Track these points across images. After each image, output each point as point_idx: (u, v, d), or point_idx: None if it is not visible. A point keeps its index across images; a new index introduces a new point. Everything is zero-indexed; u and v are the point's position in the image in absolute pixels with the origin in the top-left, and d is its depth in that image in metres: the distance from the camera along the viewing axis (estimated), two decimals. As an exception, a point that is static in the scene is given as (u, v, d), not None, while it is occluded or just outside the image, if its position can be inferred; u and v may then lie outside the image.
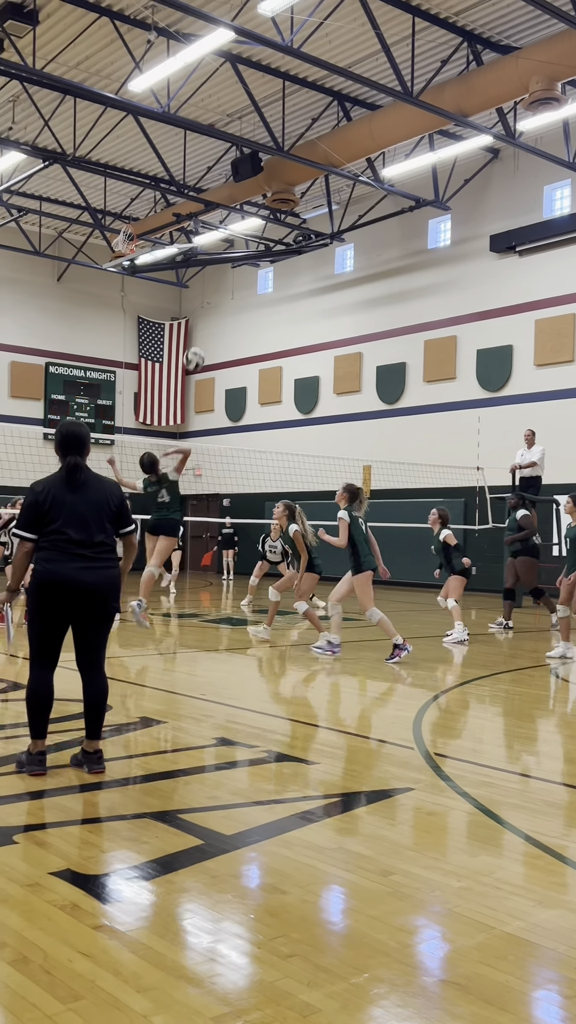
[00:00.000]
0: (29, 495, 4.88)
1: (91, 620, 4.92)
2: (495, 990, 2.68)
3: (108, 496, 4.96)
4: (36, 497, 4.83)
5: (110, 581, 4.88)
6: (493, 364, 20.94)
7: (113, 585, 4.90)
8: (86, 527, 4.81)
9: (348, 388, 24.37)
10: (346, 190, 22.70)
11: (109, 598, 4.89)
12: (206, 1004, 2.55)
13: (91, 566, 4.80)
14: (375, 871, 3.61)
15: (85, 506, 4.84)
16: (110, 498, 4.96)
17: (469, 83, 15.39)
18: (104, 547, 4.87)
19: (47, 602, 4.84)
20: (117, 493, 5.02)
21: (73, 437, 4.97)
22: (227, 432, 28.05)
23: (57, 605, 4.84)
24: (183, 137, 19.63)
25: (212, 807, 4.40)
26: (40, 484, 4.92)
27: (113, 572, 4.92)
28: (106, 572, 4.87)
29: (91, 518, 4.83)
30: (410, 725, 6.44)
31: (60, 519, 4.78)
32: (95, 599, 4.83)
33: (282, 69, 17.19)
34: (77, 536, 4.78)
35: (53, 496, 4.82)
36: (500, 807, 4.52)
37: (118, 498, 5.00)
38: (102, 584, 4.83)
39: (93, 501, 4.87)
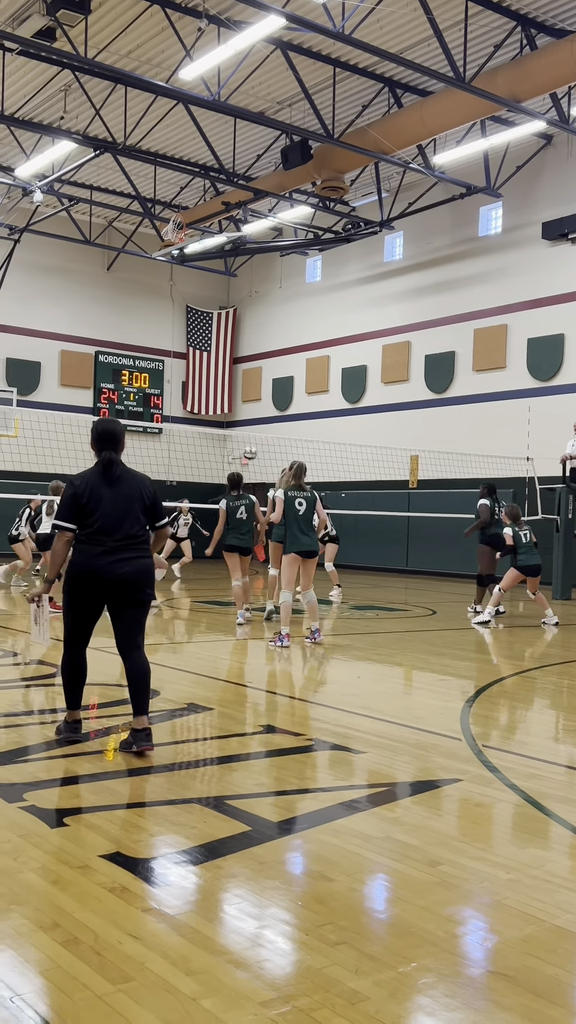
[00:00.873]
0: (68, 488, 5.08)
1: (127, 607, 5.13)
2: (545, 983, 2.66)
3: (142, 490, 5.17)
4: (76, 490, 5.03)
5: (143, 571, 5.09)
6: (544, 353, 20.67)
7: (145, 574, 5.11)
8: (121, 520, 5.03)
9: (396, 377, 24.23)
10: (396, 177, 22.53)
11: (142, 586, 5.10)
12: (254, 989, 2.57)
13: (125, 557, 5.01)
14: (423, 861, 3.60)
15: (122, 500, 5.06)
16: (144, 492, 5.17)
17: (522, 68, 15.17)
18: (137, 539, 5.09)
19: (82, 591, 5.07)
20: (150, 487, 5.24)
21: (109, 434, 5.17)
22: (274, 421, 28.06)
23: (91, 594, 5.08)
24: (233, 125, 19.61)
25: (259, 794, 4.42)
26: (79, 478, 5.13)
27: (146, 562, 5.12)
28: (139, 562, 5.07)
29: (126, 511, 5.05)
30: (457, 716, 6.41)
31: (98, 512, 4.99)
32: (129, 588, 5.05)
33: (332, 56, 17.09)
34: (113, 528, 4.99)
35: (91, 489, 5.04)
36: (548, 800, 4.48)
37: (151, 492, 5.22)
38: (135, 574, 5.04)
39: (127, 495, 5.09)
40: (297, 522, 9.80)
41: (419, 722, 6.34)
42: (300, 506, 9.84)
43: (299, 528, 9.79)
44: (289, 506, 9.81)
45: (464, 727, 6.05)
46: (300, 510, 9.82)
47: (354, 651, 9.80)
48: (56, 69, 17.53)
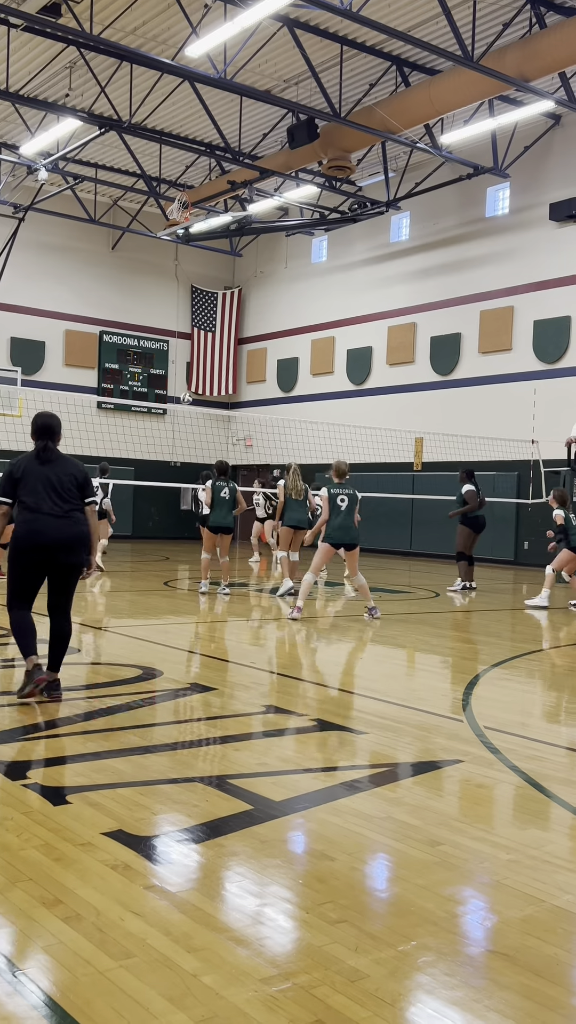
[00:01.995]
0: (7, 468, 5.89)
1: (61, 570, 5.79)
2: (543, 962, 2.68)
3: (73, 471, 5.89)
4: (12, 469, 5.85)
5: (75, 536, 5.76)
6: (550, 335, 20.58)
7: (77, 539, 5.77)
8: (51, 494, 5.73)
9: (401, 359, 24.15)
10: (403, 157, 22.38)
11: (74, 550, 5.76)
12: (255, 966, 2.58)
13: (59, 524, 5.70)
14: (423, 841, 3.62)
15: (53, 478, 5.79)
16: (75, 472, 5.90)
17: (531, 47, 15.02)
18: (69, 510, 5.76)
19: (24, 554, 5.73)
20: (81, 470, 5.97)
21: (46, 427, 5.95)
22: (278, 403, 28.01)
23: (32, 557, 5.72)
24: (239, 103, 19.48)
25: (261, 773, 4.44)
26: (16, 460, 5.94)
27: (78, 529, 5.78)
28: (73, 528, 5.75)
29: (57, 486, 5.76)
30: (460, 697, 6.42)
31: (30, 487, 5.75)
32: (63, 551, 5.72)
33: (340, 33, 16.94)
34: (42, 502, 5.70)
35: (25, 469, 5.82)
36: (549, 781, 4.50)
37: (82, 473, 5.94)
38: (69, 538, 5.72)
39: (58, 474, 5.82)
40: (339, 516, 10.52)
41: (421, 703, 6.36)
42: (343, 502, 10.54)
43: (339, 521, 10.53)
44: (332, 501, 10.54)
45: (466, 708, 6.06)
46: (342, 506, 10.53)
47: (357, 632, 9.82)
48: (61, 46, 17.40)
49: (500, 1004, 2.44)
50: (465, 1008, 2.42)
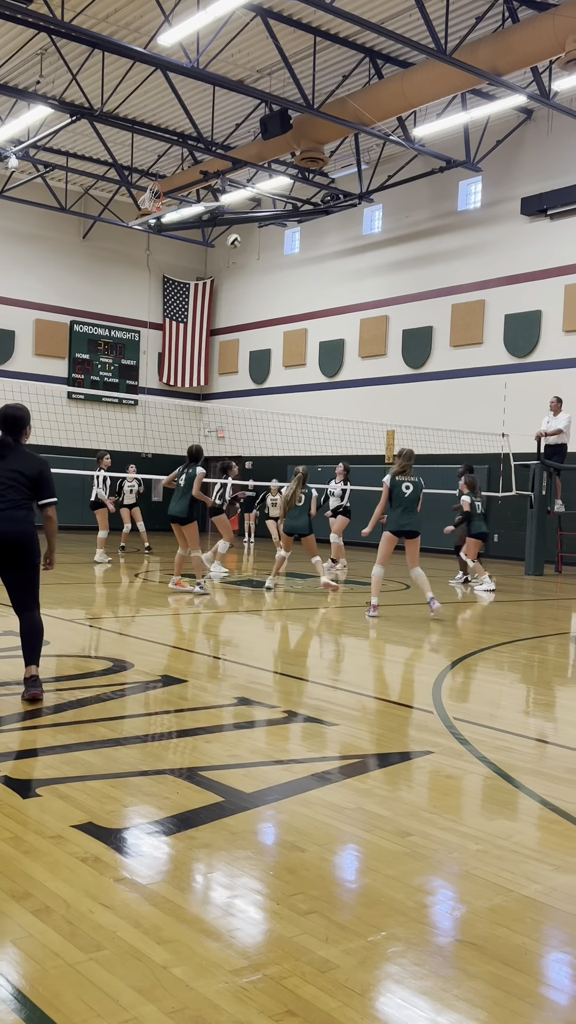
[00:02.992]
0: None
1: (13, 567, 5.58)
2: (512, 952, 2.70)
3: (21, 467, 5.59)
4: None
5: (22, 534, 5.50)
6: (521, 329, 20.70)
7: (23, 537, 5.51)
8: (5, 490, 5.49)
9: (373, 352, 24.20)
10: (376, 149, 22.38)
11: (23, 549, 5.53)
12: (225, 957, 2.59)
13: (6, 519, 5.45)
14: (393, 831, 3.64)
15: (7, 472, 5.53)
16: (29, 469, 5.60)
17: (504, 41, 15.07)
18: (20, 507, 5.51)
19: None
20: (37, 467, 5.65)
21: (12, 418, 5.70)
22: (251, 394, 27.97)
23: None
24: (212, 93, 19.39)
25: (232, 765, 4.44)
26: None
27: (16, 527, 5.47)
28: (19, 526, 5.48)
29: (10, 482, 5.52)
30: (430, 689, 6.46)
31: None
32: (10, 548, 5.49)
33: (313, 24, 16.90)
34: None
35: None
36: (518, 772, 4.54)
37: (36, 471, 5.63)
38: (14, 535, 5.47)
39: (13, 469, 5.56)
40: (402, 504, 10.36)
41: (392, 695, 6.40)
42: (407, 489, 10.40)
43: (401, 510, 10.36)
44: (395, 488, 10.40)
45: (436, 700, 6.10)
46: (406, 493, 10.38)
47: (328, 624, 9.84)
48: (32, 32, 17.22)
49: (468, 993, 2.46)
50: (434, 997, 2.43)
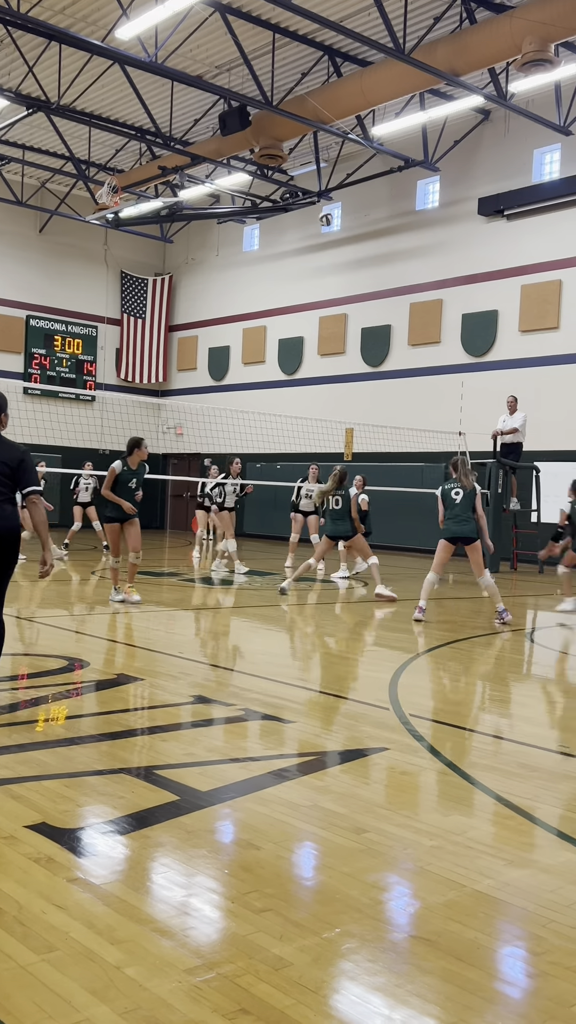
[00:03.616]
0: None
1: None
2: (464, 946, 2.72)
3: (10, 457, 5.10)
4: None
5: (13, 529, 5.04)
6: (478, 329, 20.87)
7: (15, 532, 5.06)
8: None
9: (333, 349, 24.24)
10: (335, 147, 22.41)
11: (12, 545, 5.05)
12: (179, 956, 2.58)
13: None
14: (348, 828, 3.65)
15: None
16: (10, 459, 5.10)
17: (461, 42, 15.17)
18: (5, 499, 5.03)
19: None
20: (16, 455, 5.15)
21: None
22: (209, 391, 27.89)
23: None
24: (170, 88, 19.28)
25: (188, 763, 4.43)
26: None
27: (15, 523, 5.06)
28: (9, 521, 5.02)
29: None
30: (386, 686, 6.49)
31: None
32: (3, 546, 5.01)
33: (272, 21, 16.87)
34: None
35: None
36: (474, 768, 4.57)
37: (16, 460, 5.13)
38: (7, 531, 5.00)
39: None
40: (454, 510, 10.20)
41: (349, 692, 6.42)
42: (456, 495, 10.21)
43: (453, 517, 10.20)
44: (446, 496, 10.31)
45: (392, 697, 6.13)
46: (456, 500, 10.20)
47: (286, 622, 9.85)
48: (-13, 23, 16.99)
49: (421, 988, 2.48)
50: (387, 993, 2.45)
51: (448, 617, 10.93)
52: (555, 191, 19.23)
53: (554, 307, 19.50)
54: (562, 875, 3.28)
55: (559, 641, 9.68)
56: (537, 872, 3.31)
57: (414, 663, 7.59)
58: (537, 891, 3.14)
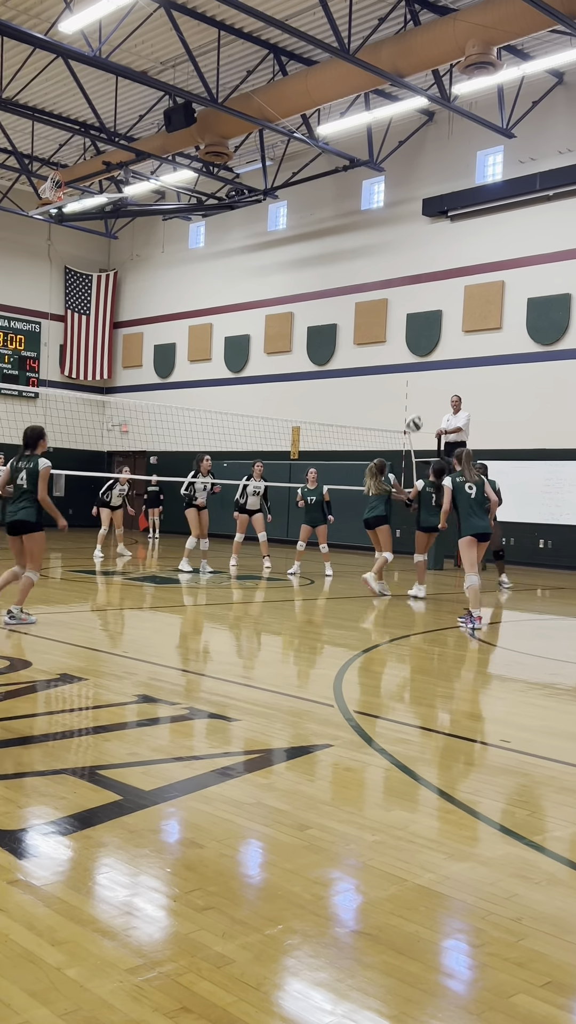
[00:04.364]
0: None
1: None
2: (405, 940, 2.75)
3: None
4: None
5: None
6: (422, 329, 21.04)
7: None
8: None
9: (279, 348, 24.27)
10: (280, 146, 22.43)
11: None
12: (120, 956, 2.57)
13: None
14: (292, 825, 3.66)
15: None
16: None
17: (406, 43, 15.28)
18: None
19: None
20: None
21: None
22: (155, 388, 27.74)
23: None
24: (115, 83, 19.13)
25: (131, 763, 4.40)
26: None
27: None
28: None
29: None
30: (331, 683, 6.52)
31: None
32: None
33: (218, 18, 16.83)
34: None
35: None
36: (416, 763, 4.62)
37: None
38: None
39: None
40: (470, 506, 9.80)
41: (294, 689, 6.44)
42: (470, 490, 9.83)
43: (472, 511, 9.79)
44: (459, 492, 9.81)
45: (337, 693, 6.16)
46: (471, 493, 9.81)
47: (232, 620, 9.85)
48: None
49: (362, 983, 2.50)
50: (328, 988, 2.46)
51: (393, 615, 11.02)
52: (498, 193, 19.47)
53: (497, 308, 19.75)
54: (501, 868, 3.33)
55: (503, 637, 9.81)
56: (477, 865, 3.35)
57: (359, 660, 7.64)
58: (477, 884, 3.18)
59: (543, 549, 18.64)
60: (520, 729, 5.48)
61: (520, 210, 19.35)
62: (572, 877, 3.30)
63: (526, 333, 19.32)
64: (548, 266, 18.97)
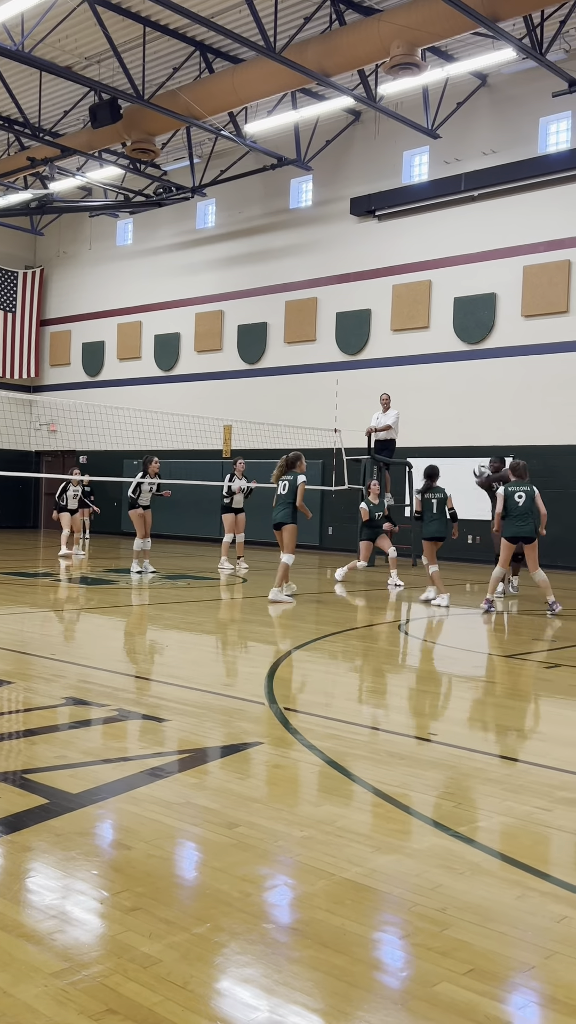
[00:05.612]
0: None
1: None
2: (331, 933, 2.78)
3: None
4: None
5: None
6: (351, 327, 21.19)
7: None
8: None
9: (209, 346, 24.20)
10: (208, 144, 22.37)
11: None
12: (45, 961, 2.55)
13: None
14: (221, 824, 3.67)
15: None
16: None
17: (331, 42, 15.37)
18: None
19: None
20: None
21: None
22: (84, 387, 27.44)
23: None
24: (39, 78, 18.86)
25: (59, 766, 4.36)
26: None
27: None
28: None
29: None
30: (262, 681, 6.54)
31: None
32: None
33: (143, 14, 16.71)
34: None
35: None
36: (346, 759, 4.66)
37: None
38: None
39: None
40: (517, 512, 10.88)
41: (224, 688, 6.44)
42: (520, 498, 10.90)
43: (516, 517, 10.88)
44: (509, 499, 10.94)
45: (267, 691, 6.18)
46: (519, 502, 10.89)
47: (164, 620, 9.80)
48: None
49: (289, 977, 2.51)
50: (256, 984, 2.48)
51: (322, 612, 11.08)
52: (424, 193, 19.70)
53: (424, 306, 19.98)
54: (427, 860, 3.38)
55: (429, 632, 9.94)
56: (403, 858, 3.40)
57: (289, 658, 7.67)
58: (403, 876, 3.23)
59: (471, 545, 18.92)
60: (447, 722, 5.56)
61: (446, 210, 19.62)
62: (496, 867, 3.37)
63: (453, 332, 19.59)
64: (473, 266, 19.27)
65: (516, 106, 18.59)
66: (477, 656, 8.46)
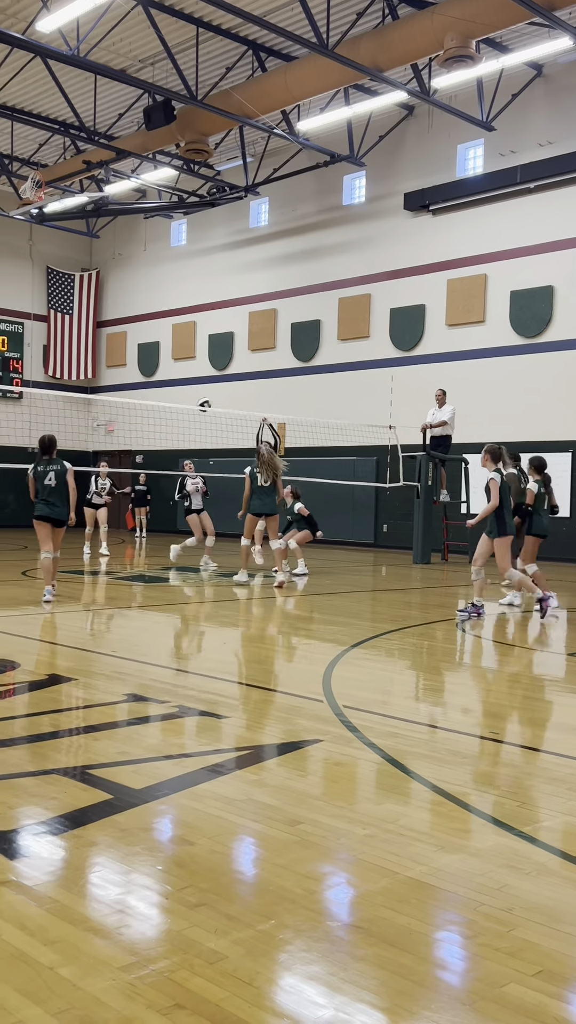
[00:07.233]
0: None
1: None
2: (397, 932, 2.76)
3: None
4: None
5: None
6: (406, 323, 21.06)
7: None
8: None
9: (263, 345, 24.25)
10: (261, 142, 22.41)
11: None
12: (113, 955, 2.57)
13: None
14: (283, 821, 3.67)
15: None
16: None
17: (384, 37, 15.28)
18: None
19: None
20: None
21: None
22: (140, 387, 27.69)
23: None
24: (94, 82, 19.06)
25: (122, 762, 4.40)
26: None
27: None
28: None
29: None
30: (320, 679, 6.53)
31: None
32: None
33: (196, 15, 16.79)
34: None
35: None
36: (406, 757, 4.63)
37: None
38: None
39: None
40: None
41: (283, 685, 6.44)
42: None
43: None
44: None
45: (326, 689, 6.17)
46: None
47: (222, 618, 9.85)
48: None
49: (354, 975, 2.51)
50: (321, 982, 2.47)
51: (381, 609, 11.04)
52: (479, 186, 19.51)
53: (479, 301, 19.79)
54: (491, 859, 3.35)
55: (489, 630, 9.85)
56: (467, 857, 3.37)
57: (348, 655, 7.65)
58: (467, 875, 3.20)
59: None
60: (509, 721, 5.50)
61: (501, 203, 19.40)
62: (562, 867, 3.32)
63: (509, 326, 19.37)
64: (530, 259, 19.03)
65: (573, 96, 18.31)
66: (539, 654, 8.36)
